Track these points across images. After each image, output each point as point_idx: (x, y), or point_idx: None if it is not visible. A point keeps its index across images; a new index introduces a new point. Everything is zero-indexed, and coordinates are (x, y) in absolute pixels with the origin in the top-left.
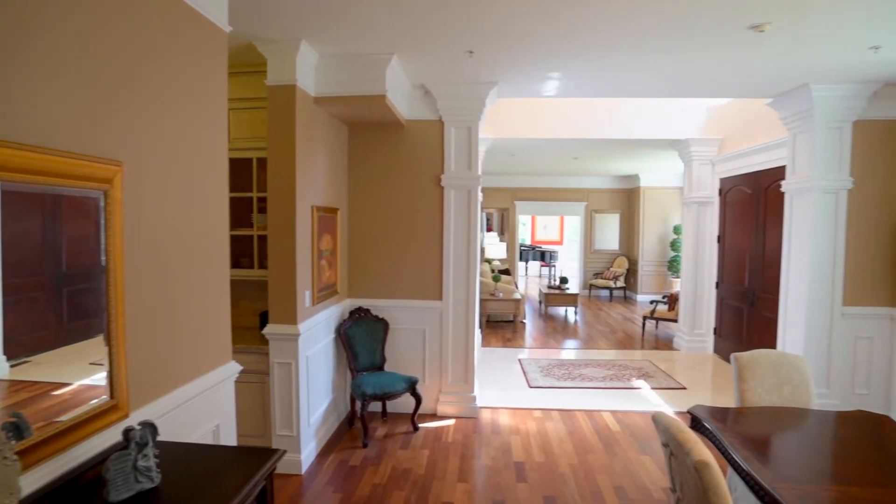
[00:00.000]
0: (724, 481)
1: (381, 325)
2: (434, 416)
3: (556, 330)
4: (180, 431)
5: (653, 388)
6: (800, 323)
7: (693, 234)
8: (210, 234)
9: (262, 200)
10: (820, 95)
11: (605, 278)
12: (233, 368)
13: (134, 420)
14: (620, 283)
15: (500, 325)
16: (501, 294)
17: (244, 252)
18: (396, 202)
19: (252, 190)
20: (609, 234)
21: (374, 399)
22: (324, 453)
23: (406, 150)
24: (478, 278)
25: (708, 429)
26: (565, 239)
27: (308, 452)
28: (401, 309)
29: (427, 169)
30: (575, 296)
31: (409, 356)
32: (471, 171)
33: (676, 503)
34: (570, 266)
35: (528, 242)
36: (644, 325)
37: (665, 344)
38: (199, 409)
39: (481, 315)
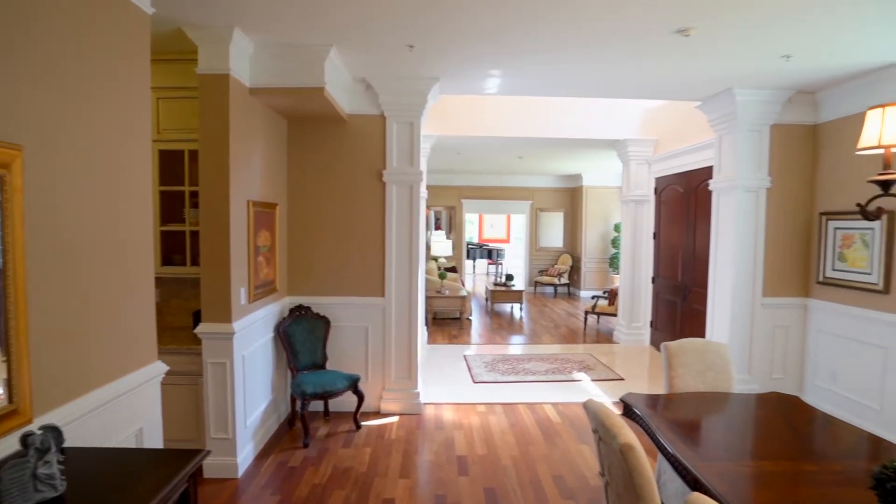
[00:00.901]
0: (647, 463)
1: (323, 323)
2: (378, 414)
3: (501, 326)
4: (96, 436)
5: (593, 380)
6: (725, 314)
7: (631, 232)
8: (132, 228)
9: (196, 195)
10: (742, 100)
11: (549, 275)
12: (158, 369)
13: (39, 425)
14: (564, 280)
15: (447, 323)
16: (448, 291)
17: (176, 248)
18: (338, 197)
19: (184, 183)
20: (554, 232)
21: (315, 398)
22: (262, 455)
23: (347, 145)
24: (421, 274)
25: (638, 415)
26: (512, 237)
27: (245, 455)
28: (343, 306)
29: (369, 164)
30: (520, 292)
31: (352, 354)
32: (413, 167)
33: (605, 486)
34: (516, 264)
35: (475, 241)
36: (586, 319)
37: (606, 337)
38: (120, 412)
39: (427, 312)
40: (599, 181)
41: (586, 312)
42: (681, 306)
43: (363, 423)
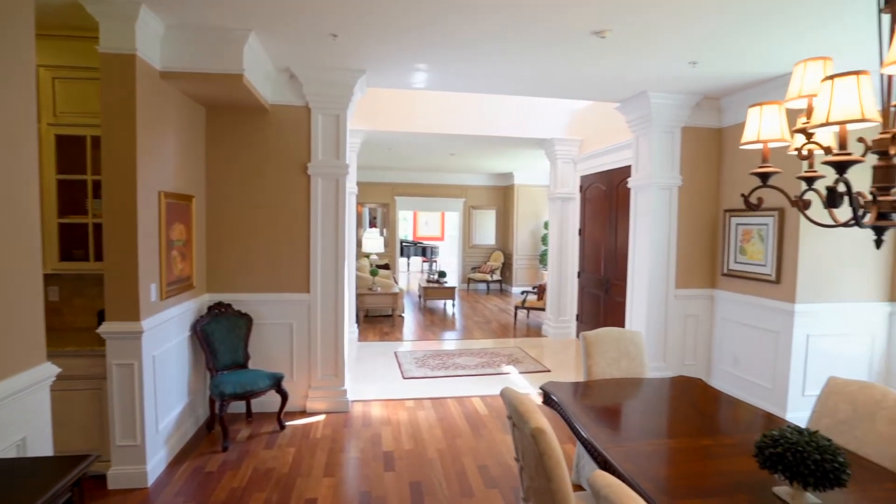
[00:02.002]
0: (557, 446)
1: (245, 321)
2: (303, 413)
3: (434, 323)
4: None
5: (521, 373)
6: (642, 305)
7: (558, 228)
8: (12, 219)
9: (100, 184)
10: (656, 102)
11: (482, 272)
12: (45, 372)
13: None
14: (497, 277)
15: (379, 320)
16: (380, 288)
17: (78, 242)
18: (261, 190)
19: (86, 172)
20: (486, 230)
21: (235, 398)
22: (177, 461)
23: (271, 136)
24: (347, 270)
25: (555, 402)
26: (446, 235)
27: (156, 462)
28: (266, 303)
29: (293, 156)
30: (452, 289)
31: (276, 352)
32: (339, 160)
33: (520, 471)
34: (450, 261)
35: (410, 238)
36: (516, 314)
37: (535, 331)
38: None
39: (359, 310)
40: (530, 180)
41: (516, 308)
42: (604, 299)
43: (287, 423)
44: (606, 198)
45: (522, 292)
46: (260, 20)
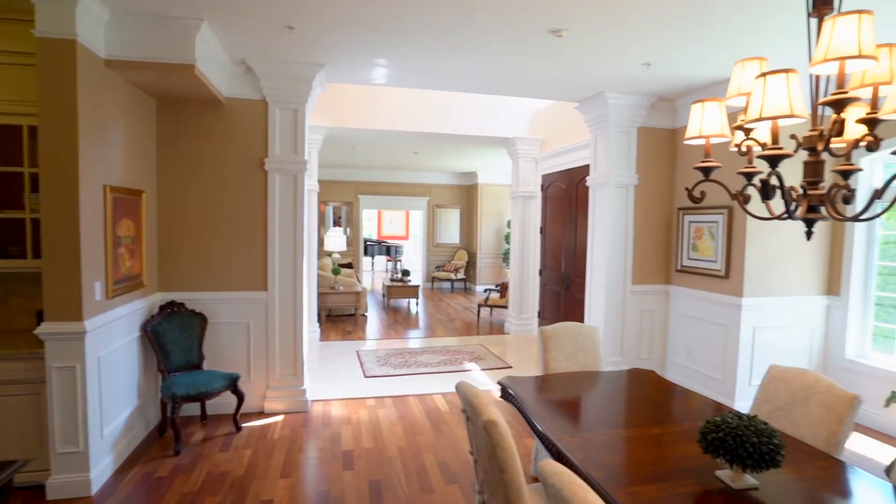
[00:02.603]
0: (510, 438)
1: (199, 320)
2: (261, 414)
3: (397, 321)
4: None
5: (483, 370)
6: (600, 301)
7: (520, 227)
8: None
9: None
10: (613, 103)
11: (446, 271)
12: None
13: None
14: (461, 275)
15: (342, 319)
16: (342, 287)
17: (14, 239)
18: (216, 186)
19: (23, 164)
20: (451, 229)
21: (189, 400)
22: (125, 467)
23: (226, 131)
24: (306, 267)
25: (512, 395)
26: (411, 234)
27: (102, 469)
28: (221, 302)
29: (250, 151)
30: (416, 287)
31: (232, 352)
32: (297, 156)
33: (475, 464)
34: (415, 260)
35: (374, 237)
36: (479, 312)
37: (498, 329)
38: None
39: (321, 309)
40: (494, 179)
41: (479, 305)
42: (564, 296)
43: (244, 425)
44: (567, 196)
45: (485, 290)
46: (212, 9)
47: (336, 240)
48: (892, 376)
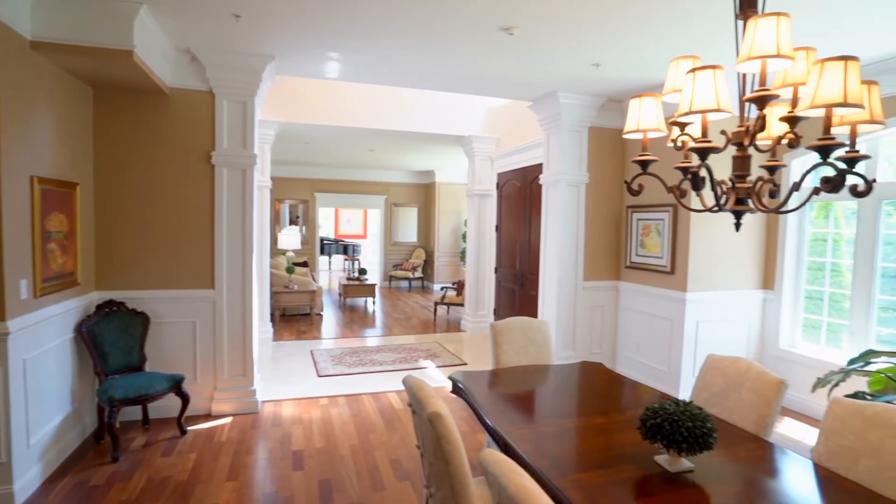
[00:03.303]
0: (455, 430)
1: (141, 320)
2: (208, 417)
3: (353, 320)
4: None
5: (438, 367)
6: (553, 297)
7: (476, 225)
8: None
9: None
10: (565, 102)
11: (404, 269)
12: None
13: None
14: (419, 274)
15: (296, 319)
16: (296, 286)
17: None
18: (159, 179)
19: None
20: (408, 228)
21: (128, 403)
22: (56, 477)
23: (170, 122)
24: (256, 265)
25: (461, 389)
26: (369, 233)
27: (28, 480)
28: (165, 300)
29: (196, 144)
30: (373, 286)
31: (177, 353)
32: (246, 150)
33: (422, 457)
34: (373, 259)
35: (332, 236)
36: (436, 310)
37: (455, 326)
38: None
39: (274, 308)
40: (451, 178)
41: (436, 303)
42: (519, 293)
43: (190, 428)
44: (521, 194)
45: (442, 288)
46: None
47: (290, 238)
48: (819, 364)
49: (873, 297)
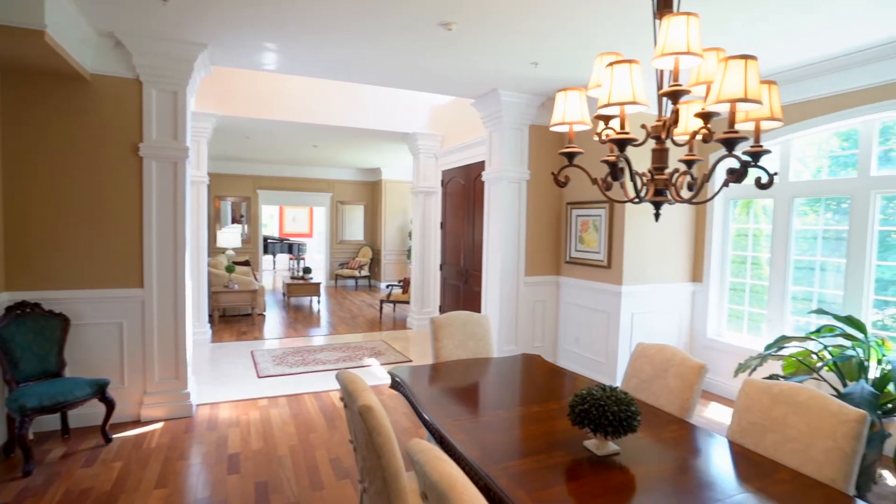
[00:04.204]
0: (387, 423)
1: (59, 322)
2: (137, 423)
3: (297, 320)
4: None
5: (382, 364)
6: (495, 293)
7: (421, 222)
8: None
9: None
10: (507, 100)
11: (350, 268)
12: None
13: None
14: (365, 272)
15: (237, 319)
16: (237, 286)
17: None
18: (79, 171)
19: None
20: (355, 226)
21: (43, 412)
22: None
23: (92, 110)
24: (189, 262)
25: (399, 384)
26: (315, 232)
27: None
28: (88, 301)
29: (121, 135)
30: (317, 285)
31: (102, 356)
32: (178, 142)
33: (354, 451)
34: (319, 258)
35: (276, 235)
36: (381, 308)
37: (401, 324)
38: None
39: (214, 309)
40: (398, 175)
41: (382, 302)
42: (463, 290)
43: (115, 436)
44: (465, 192)
45: (387, 286)
46: None
47: (230, 236)
48: (742, 351)
49: (787, 287)
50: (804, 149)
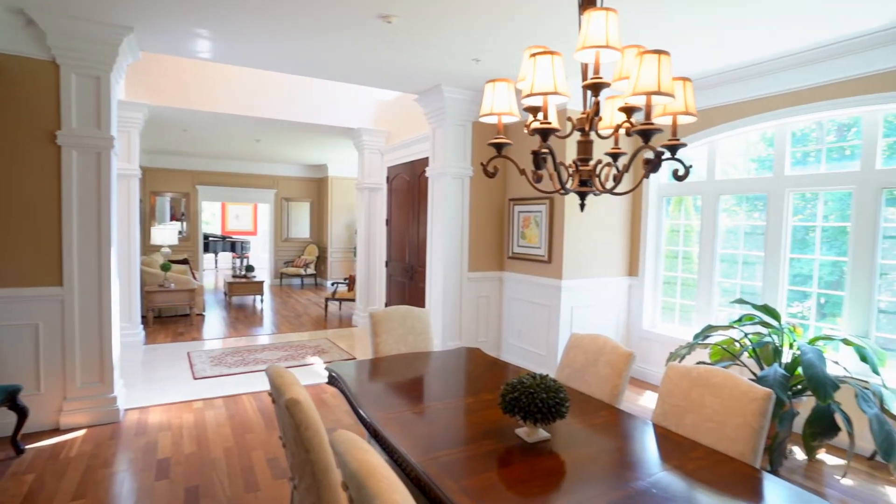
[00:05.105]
0: (316, 416)
1: None
2: (56, 431)
3: (239, 319)
4: None
5: (326, 363)
6: (439, 288)
7: (366, 219)
8: None
9: None
10: (450, 97)
11: (296, 266)
12: None
13: None
14: (311, 270)
15: (174, 320)
16: (173, 285)
17: None
18: None
19: None
20: (301, 223)
21: None
22: None
23: (1, 94)
24: (115, 260)
25: (335, 379)
26: (260, 229)
27: None
28: None
29: (35, 121)
30: (261, 283)
31: (14, 361)
32: (101, 131)
33: (284, 447)
34: (264, 257)
35: (218, 233)
36: (327, 306)
37: (347, 322)
38: None
39: (148, 309)
40: (344, 172)
41: (327, 300)
42: (409, 286)
43: (29, 446)
44: (410, 188)
45: (333, 283)
46: None
47: (166, 233)
48: (674, 341)
49: (714, 280)
50: (734, 149)
